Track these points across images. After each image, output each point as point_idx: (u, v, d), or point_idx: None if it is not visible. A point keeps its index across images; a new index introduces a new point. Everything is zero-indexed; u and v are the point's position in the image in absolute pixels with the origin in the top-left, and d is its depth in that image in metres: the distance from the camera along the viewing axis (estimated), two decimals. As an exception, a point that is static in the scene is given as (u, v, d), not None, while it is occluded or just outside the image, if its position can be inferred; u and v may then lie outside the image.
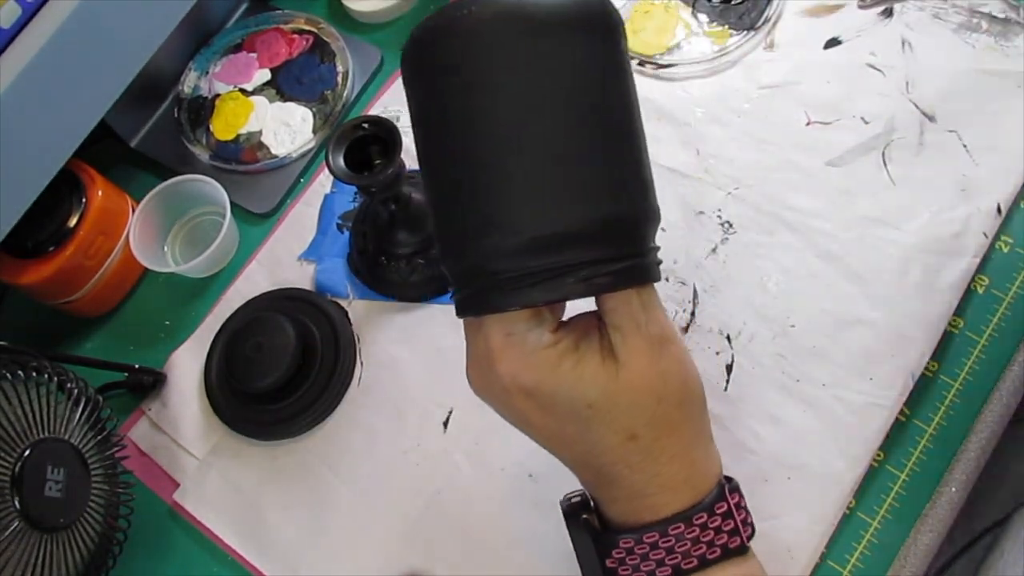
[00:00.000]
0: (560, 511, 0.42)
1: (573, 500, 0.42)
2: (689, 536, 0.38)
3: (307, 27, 0.74)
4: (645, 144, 0.38)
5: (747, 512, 0.39)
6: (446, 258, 0.38)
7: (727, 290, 0.56)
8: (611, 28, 0.36)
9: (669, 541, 0.38)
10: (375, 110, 0.70)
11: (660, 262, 0.39)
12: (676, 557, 0.38)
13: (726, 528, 0.38)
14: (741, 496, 0.39)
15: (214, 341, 0.63)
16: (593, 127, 0.35)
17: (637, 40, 0.65)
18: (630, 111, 0.37)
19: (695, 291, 0.57)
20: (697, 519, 0.38)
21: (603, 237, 0.34)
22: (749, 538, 0.39)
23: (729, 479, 0.40)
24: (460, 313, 0.38)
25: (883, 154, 0.58)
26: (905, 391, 0.51)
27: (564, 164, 0.34)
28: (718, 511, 0.38)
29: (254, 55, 0.74)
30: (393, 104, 0.70)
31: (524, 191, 0.34)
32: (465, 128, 0.34)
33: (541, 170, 0.34)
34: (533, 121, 0.34)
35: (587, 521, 0.40)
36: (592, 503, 0.41)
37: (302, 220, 0.67)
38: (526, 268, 0.34)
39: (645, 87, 0.64)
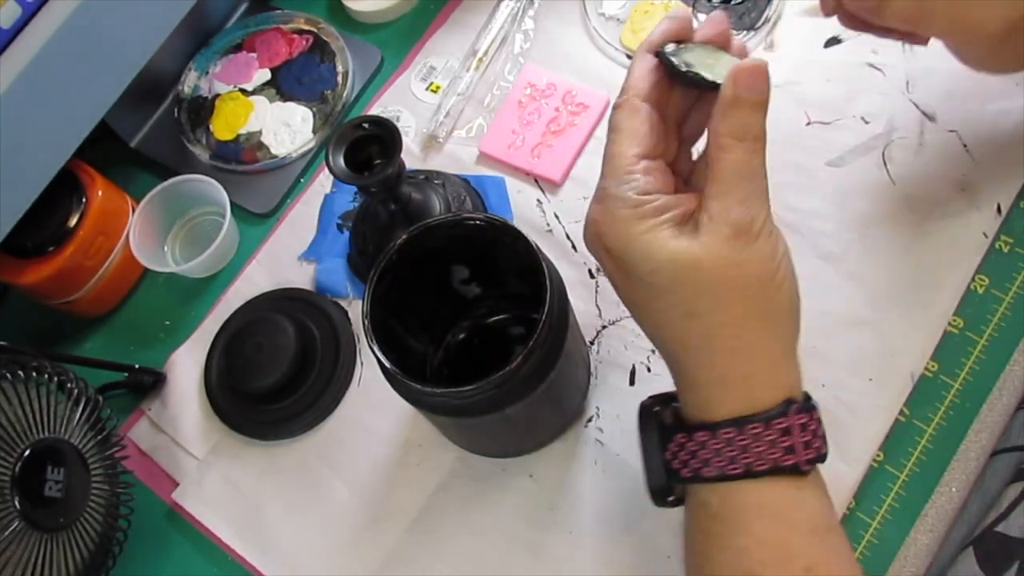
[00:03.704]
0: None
1: (656, 395, 0.43)
2: (739, 443, 0.37)
3: (307, 27, 0.74)
4: None
5: (815, 436, 0.38)
6: None
7: (727, 290, 0.56)
8: None
9: (719, 444, 0.38)
10: (375, 110, 0.70)
11: None
12: (723, 460, 0.38)
13: (782, 444, 0.37)
14: (812, 419, 0.38)
15: (214, 341, 0.63)
16: None
17: (637, 40, 0.65)
18: None
19: (695, 291, 0.57)
20: (751, 428, 0.37)
21: None
22: (810, 462, 0.38)
23: (807, 399, 0.39)
24: None
25: (883, 154, 0.57)
26: (905, 391, 0.51)
27: None
28: (776, 426, 0.37)
29: (254, 55, 0.74)
30: (393, 104, 0.70)
31: None
32: None
33: None
34: None
35: (657, 413, 0.42)
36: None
37: (302, 220, 0.67)
38: None
39: (645, 87, 0.64)
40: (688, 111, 0.43)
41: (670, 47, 0.41)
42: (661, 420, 0.42)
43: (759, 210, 0.37)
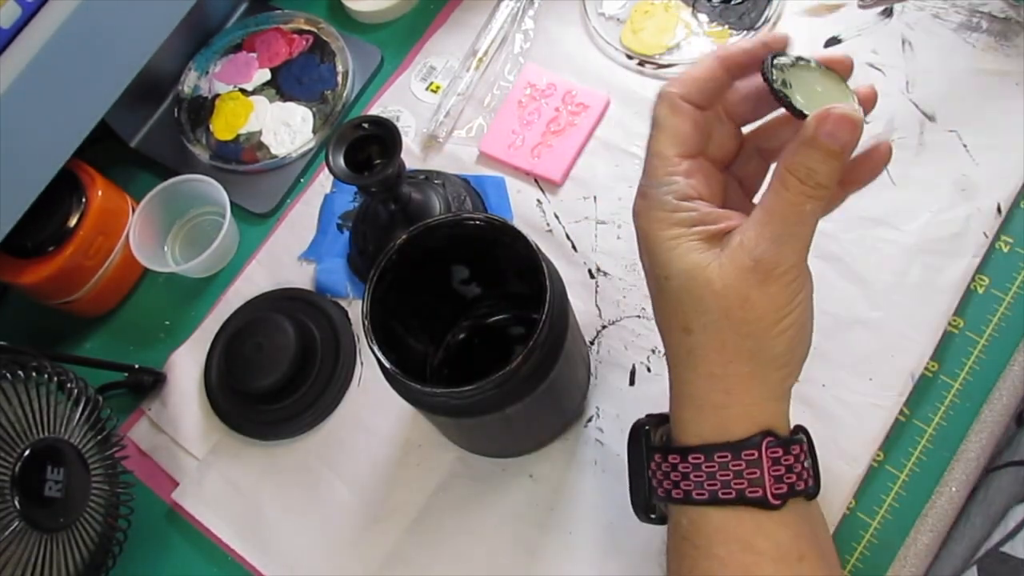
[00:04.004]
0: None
1: (652, 415, 0.44)
2: (707, 469, 0.38)
3: (307, 27, 0.74)
4: None
5: (789, 472, 0.38)
6: None
7: (727, 290, 0.56)
8: None
9: (687, 468, 0.39)
10: (375, 110, 0.70)
11: None
12: (690, 485, 0.38)
13: (749, 475, 0.37)
14: (788, 454, 0.38)
15: (214, 341, 0.63)
16: None
17: (637, 40, 0.65)
18: None
19: (695, 291, 0.57)
20: (719, 456, 0.38)
21: None
22: (780, 496, 0.38)
23: (793, 434, 0.39)
24: None
25: (883, 154, 0.57)
26: (905, 391, 0.51)
27: None
28: (745, 456, 0.37)
29: (254, 55, 0.74)
30: (393, 104, 0.70)
31: None
32: None
33: None
34: None
35: (648, 432, 0.43)
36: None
37: (302, 220, 0.67)
38: None
39: (645, 87, 0.64)
40: (757, 113, 0.42)
41: (786, 58, 0.39)
42: (649, 438, 0.43)
43: (788, 255, 0.36)
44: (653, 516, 0.43)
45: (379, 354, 0.44)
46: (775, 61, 0.38)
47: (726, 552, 0.38)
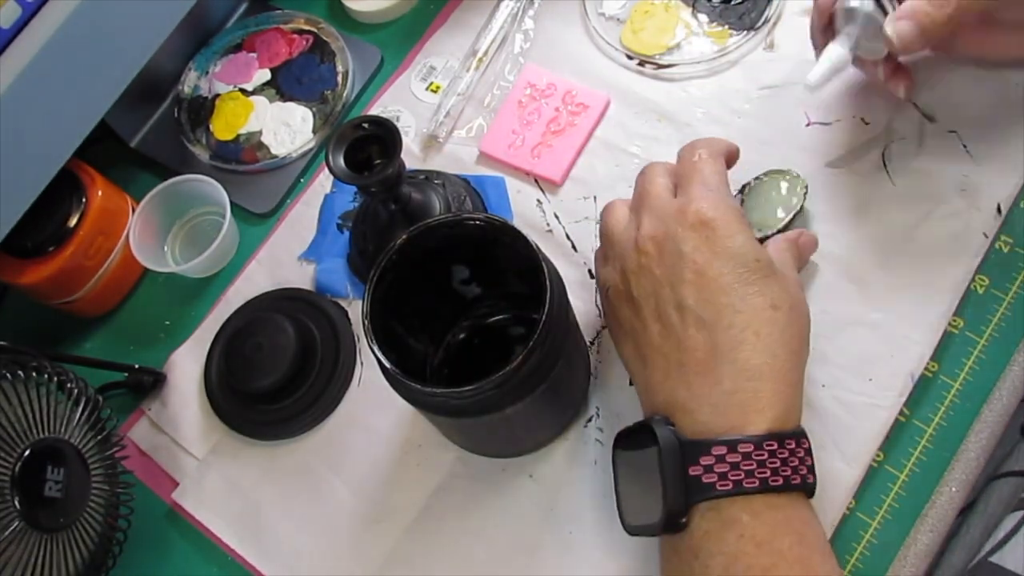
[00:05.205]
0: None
1: (625, 429, 0.46)
2: (780, 456, 0.40)
3: (307, 27, 0.74)
4: None
5: (801, 463, 0.41)
6: None
7: (727, 290, 0.56)
8: None
9: (762, 455, 0.40)
10: (375, 110, 0.70)
11: None
12: (766, 472, 0.39)
13: (806, 462, 0.40)
14: (800, 446, 0.41)
15: (214, 341, 0.63)
16: None
17: (637, 40, 0.65)
18: None
19: (695, 291, 0.57)
20: (787, 442, 0.40)
21: None
22: (805, 489, 0.41)
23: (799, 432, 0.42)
24: None
25: (883, 154, 0.57)
26: (905, 391, 0.51)
27: None
28: (802, 444, 0.41)
29: (254, 55, 0.74)
30: (393, 104, 0.70)
31: None
32: None
33: None
34: None
35: (673, 431, 0.42)
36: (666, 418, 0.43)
37: (302, 220, 0.67)
38: None
39: (645, 87, 0.64)
40: None
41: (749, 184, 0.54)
42: (677, 437, 0.41)
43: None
44: (684, 520, 0.41)
45: (379, 354, 0.44)
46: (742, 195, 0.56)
47: (787, 544, 0.39)
